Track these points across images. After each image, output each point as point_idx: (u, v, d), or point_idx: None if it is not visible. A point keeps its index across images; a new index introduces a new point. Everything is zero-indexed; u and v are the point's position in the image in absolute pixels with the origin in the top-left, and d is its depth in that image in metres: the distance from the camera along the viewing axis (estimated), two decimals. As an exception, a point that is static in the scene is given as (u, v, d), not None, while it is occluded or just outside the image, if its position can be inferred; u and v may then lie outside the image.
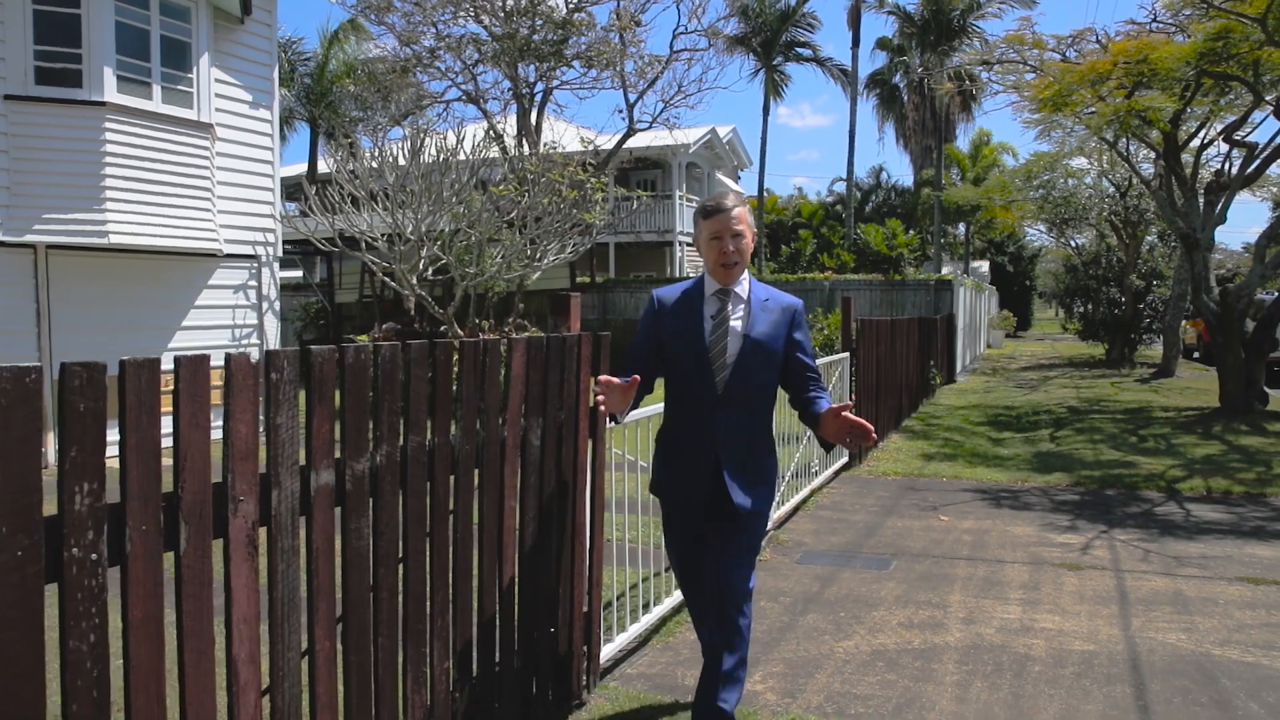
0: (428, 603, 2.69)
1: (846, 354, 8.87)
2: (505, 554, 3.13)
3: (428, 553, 2.70)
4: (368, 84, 23.11)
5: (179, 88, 10.50)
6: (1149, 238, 23.98)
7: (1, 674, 1.54)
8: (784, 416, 7.02)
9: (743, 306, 3.28)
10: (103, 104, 9.59)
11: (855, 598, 5.14)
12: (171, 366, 1.88)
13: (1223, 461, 9.20)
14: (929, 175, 37.53)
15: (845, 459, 8.79)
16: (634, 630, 4.33)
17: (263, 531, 2.12)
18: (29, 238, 9.31)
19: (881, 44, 38.23)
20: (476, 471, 2.96)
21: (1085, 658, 4.25)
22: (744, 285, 3.30)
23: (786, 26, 30.84)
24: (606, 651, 4.06)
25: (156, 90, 10.20)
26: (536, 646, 3.36)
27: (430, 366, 2.65)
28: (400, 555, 2.57)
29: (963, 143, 40.57)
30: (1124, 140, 15.72)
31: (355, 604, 2.37)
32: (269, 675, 2.13)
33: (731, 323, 3.25)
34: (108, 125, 9.63)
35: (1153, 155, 14.90)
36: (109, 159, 9.65)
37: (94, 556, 1.70)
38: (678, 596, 4.79)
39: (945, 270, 33.20)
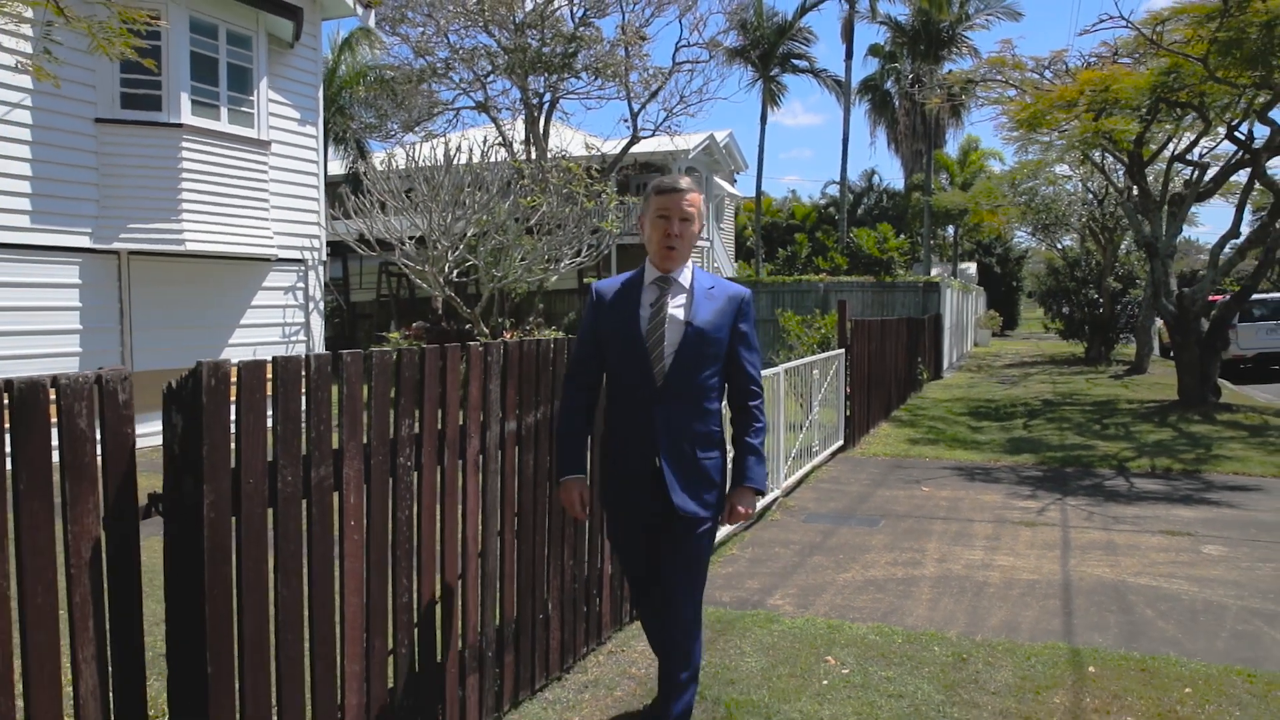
0: (558, 518, 3.90)
1: (842, 351, 10.08)
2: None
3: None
4: (379, 91, 24.13)
5: (242, 109, 11.67)
6: (1125, 243, 25.28)
7: (320, 545, 2.74)
8: (790, 406, 8.26)
9: (684, 295, 3.13)
10: (179, 125, 10.76)
11: (851, 545, 6.37)
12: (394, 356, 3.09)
13: (1170, 445, 10.46)
14: (920, 179, 38.82)
15: (841, 443, 10.01)
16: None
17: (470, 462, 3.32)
18: (115, 245, 10.47)
19: (874, 51, 39.48)
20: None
21: (1029, 584, 5.48)
22: (686, 274, 3.17)
23: (783, 40, 32.11)
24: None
25: (224, 111, 11.38)
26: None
27: (553, 362, 3.84)
28: (549, 481, 3.78)
29: (952, 148, 41.90)
30: (1099, 152, 17.00)
31: (524, 510, 3.59)
32: (482, 544, 3.34)
33: (671, 310, 3.10)
34: (184, 144, 10.80)
35: (1121, 168, 16.15)
36: (184, 174, 10.82)
37: (410, 466, 2.91)
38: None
39: (935, 272, 34.51)
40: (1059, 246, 28.85)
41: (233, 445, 2.29)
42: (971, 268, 40.65)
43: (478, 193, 13.78)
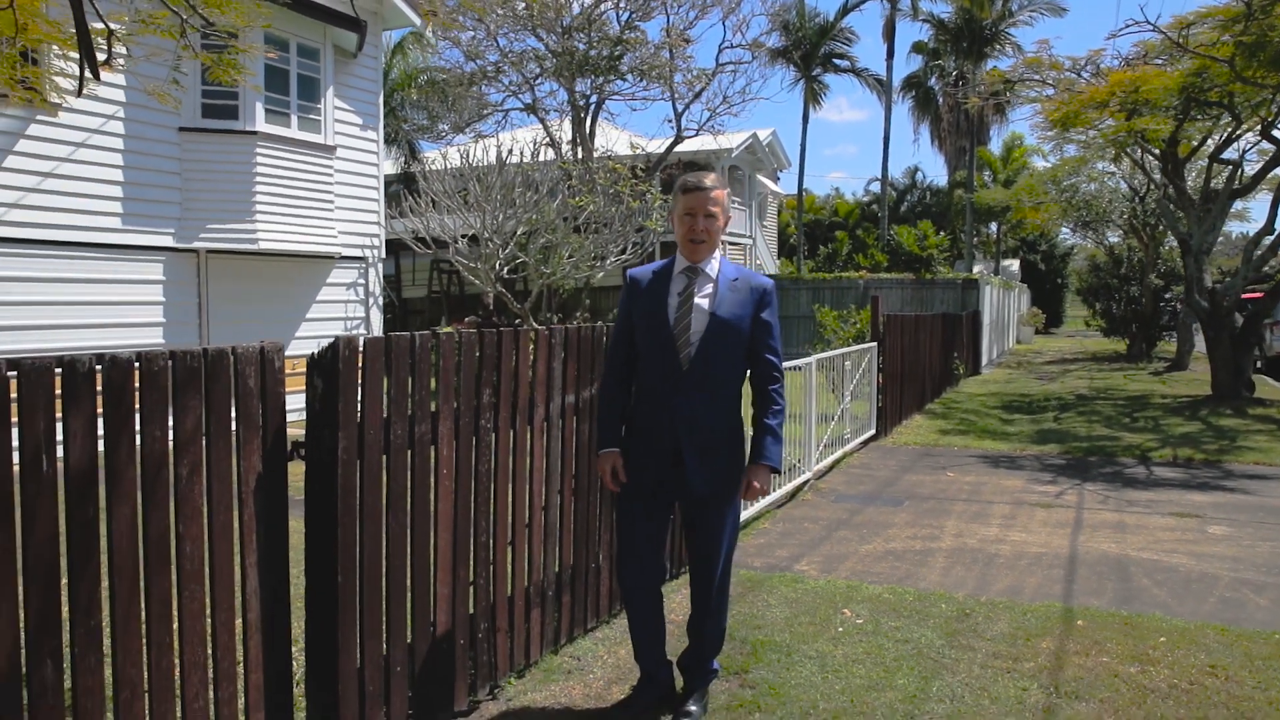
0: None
1: (874, 344, 10.58)
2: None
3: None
4: (431, 93, 24.89)
5: (310, 116, 12.44)
6: (1169, 239, 25.34)
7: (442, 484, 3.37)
8: (822, 396, 8.80)
9: (710, 285, 3.36)
10: (254, 133, 11.54)
11: (875, 522, 6.90)
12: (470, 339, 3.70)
13: (1197, 437, 10.82)
14: (963, 176, 38.93)
15: (872, 432, 10.52)
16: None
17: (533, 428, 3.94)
18: (196, 244, 11.27)
19: (917, 48, 39.63)
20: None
21: (1037, 556, 5.98)
22: (713, 265, 3.41)
23: (825, 40, 32.50)
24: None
25: (294, 119, 12.15)
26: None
27: (604, 345, 4.42)
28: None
29: (996, 144, 41.94)
30: (1138, 150, 17.25)
31: (580, 472, 4.19)
32: (545, 499, 3.95)
33: (697, 300, 3.34)
34: (258, 150, 11.58)
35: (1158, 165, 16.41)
36: (259, 178, 11.60)
37: (489, 428, 3.52)
38: (744, 513, 6.59)
39: (977, 269, 34.64)
40: (1105, 243, 28.90)
41: (358, 404, 2.92)
42: (1015, 265, 40.64)
43: (527, 192, 14.45)
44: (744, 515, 6.59)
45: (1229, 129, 14.04)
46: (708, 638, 3.61)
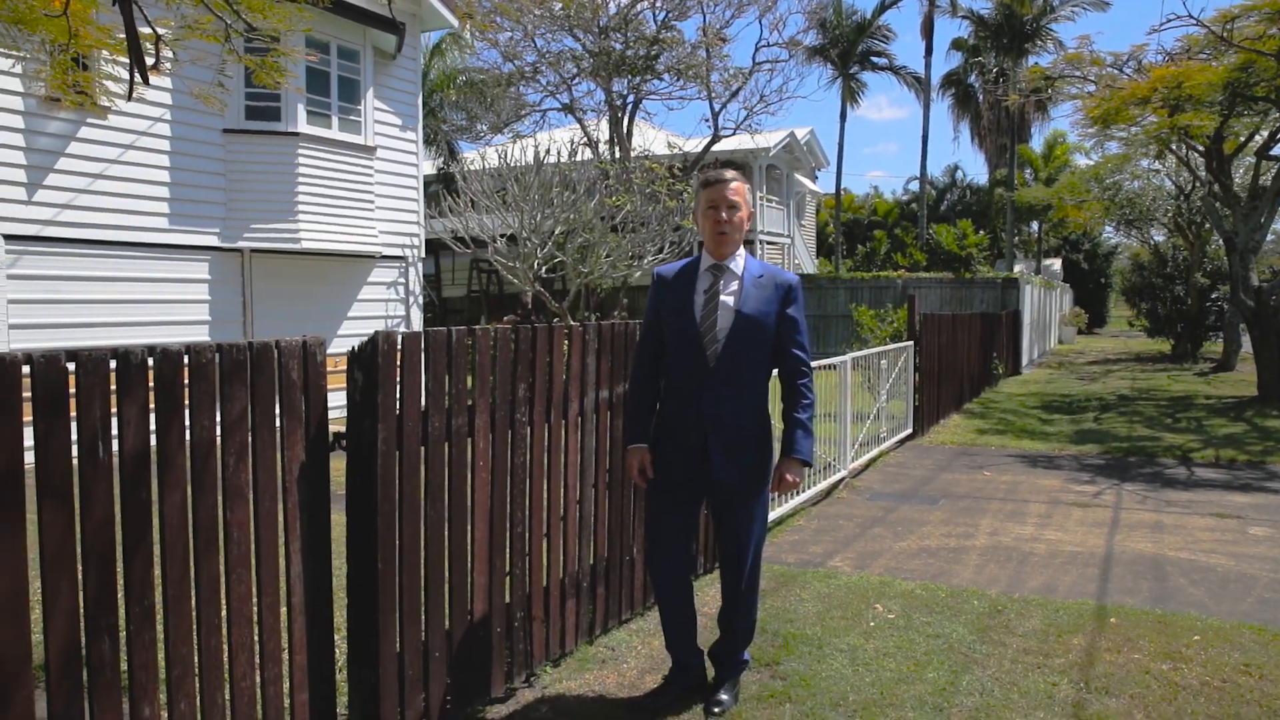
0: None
1: (910, 343, 10.55)
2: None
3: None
4: (469, 94, 25.11)
5: (350, 117, 12.64)
6: (1215, 238, 24.91)
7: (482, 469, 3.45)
8: (858, 394, 8.80)
9: (736, 282, 3.40)
10: (297, 134, 11.75)
11: (909, 520, 6.91)
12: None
13: (1240, 438, 10.66)
14: (1003, 174, 38.53)
15: (909, 431, 10.49)
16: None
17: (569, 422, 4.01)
18: (240, 244, 11.51)
19: (956, 44, 39.29)
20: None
21: (1072, 554, 5.96)
22: (739, 261, 3.45)
23: (862, 38, 32.34)
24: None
25: (335, 120, 12.35)
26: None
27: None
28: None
29: (1037, 142, 41.43)
30: (1182, 147, 16.99)
31: (614, 466, 4.26)
32: (579, 492, 4.03)
33: (723, 298, 3.37)
34: (300, 151, 11.79)
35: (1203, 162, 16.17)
36: (301, 178, 11.81)
37: (525, 421, 3.60)
38: (779, 509, 6.63)
39: (1017, 268, 34.26)
40: (1149, 242, 28.46)
41: (397, 397, 3.02)
42: (1057, 264, 40.14)
43: (565, 192, 14.57)
44: (778, 512, 6.63)
45: (1277, 124, 13.80)
46: (738, 630, 3.67)
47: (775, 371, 3.63)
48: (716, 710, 3.53)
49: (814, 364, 7.80)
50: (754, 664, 3.98)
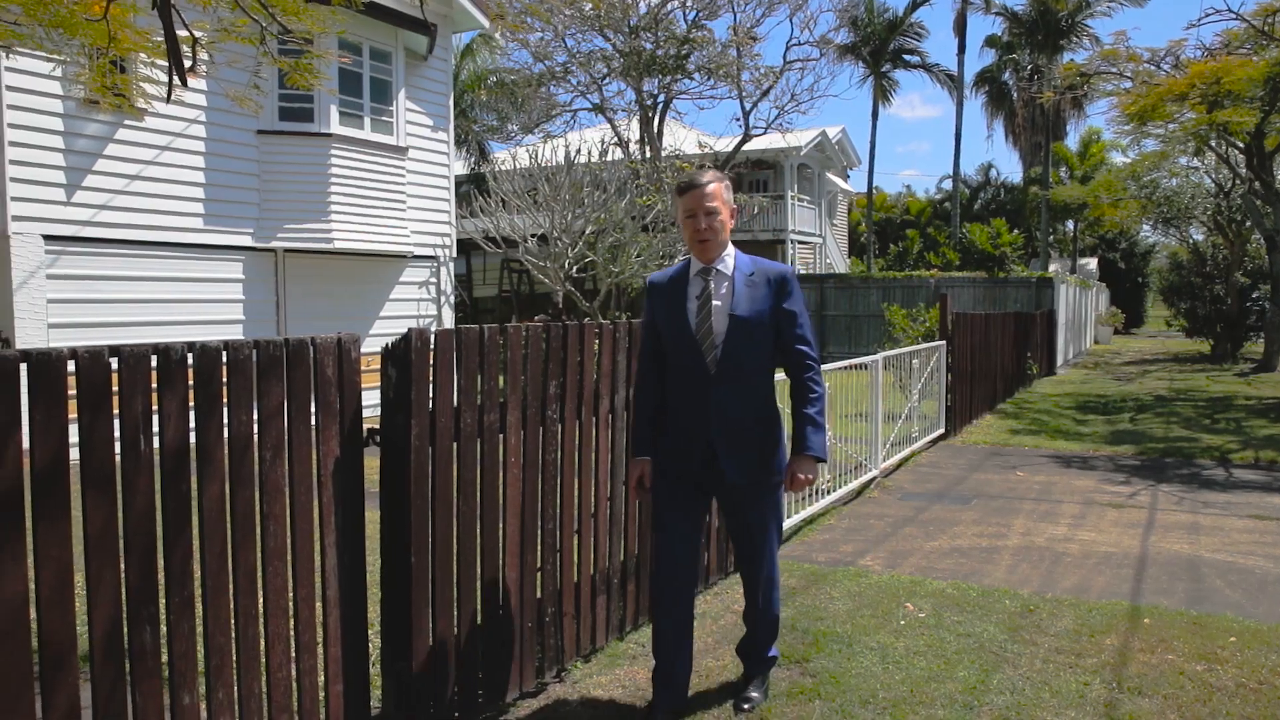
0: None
1: (943, 343, 10.48)
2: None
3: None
4: (500, 94, 25.21)
5: (382, 118, 12.75)
6: (1256, 236, 24.52)
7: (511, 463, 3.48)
8: (890, 394, 8.76)
9: (726, 283, 3.31)
10: (329, 135, 11.88)
11: (941, 520, 6.87)
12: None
13: (1280, 439, 10.50)
14: (1038, 173, 38.13)
15: (941, 431, 10.42)
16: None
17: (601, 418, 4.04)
18: (273, 244, 11.65)
19: (990, 41, 38.97)
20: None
21: (1106, 555, 5.90)
22: (727, 261, 3.35)
23: (894, 35, 32.14)
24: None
25: (367, 121, 12.47)
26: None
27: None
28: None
29: (1073, 140, 40.97)
30: (1221, 143, 16.75)
31: (643, 464, 4.28)
32: (610, 489, 4.05)
33: (715, 301, 3.29)
34: (333, 152, 11.91)
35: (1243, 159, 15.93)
36: (333, 179, 11.94)
37: (555, 418, 3.63)
38: (810, 508, 6.62)
39: (1053, 268, 33.91)
40: (1188, 241, 28.06)
41: (429, 393, 3.05)
42: (1092, 263, 39.66)
43: (596, 192, 14.61)
44: (809, 510, 6.62)
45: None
46: (760, 627, 3.65)
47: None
48: (746, 707, 3.54)
49: (845, 363, 7.84)
50: (784, 661, 3.98)
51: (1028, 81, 33.53)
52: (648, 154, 21.96)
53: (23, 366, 2.14)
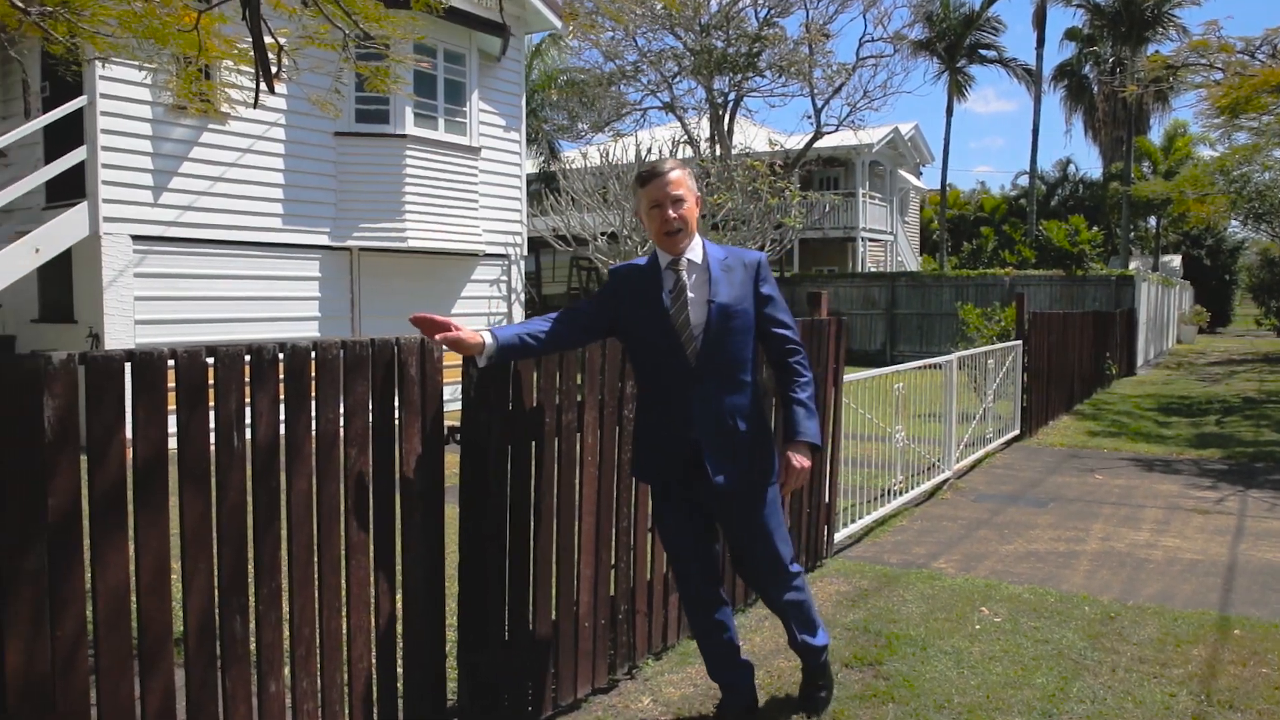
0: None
1: (1019, 342, 10.27)
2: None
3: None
4: (570, 93, 25.35)
5: (455, 119, 12.94)
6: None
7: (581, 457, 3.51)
8: (963, 394, 8.61)
9: (700, 273, 3.14)
10: (404, 136, 12.09)
11: (1016, 523, 6.74)
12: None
13: (1378, 444, 10.06)
14: (1119, 168, 37.05)
15: (1016, 432, 10.21)
16: (853, 527, 6.13)
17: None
18: (349, 243, 11.91)
19: (1070, 34, 37.98)
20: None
21: (1191, 563, 5.73)
22: (697, 251, 3.16)
23: (970, 30, 31.53)
24: (838, 537, 5.87)
25: (441, 122, 12.67)
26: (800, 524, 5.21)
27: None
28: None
29: (1156, 134, 39.74)
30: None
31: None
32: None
33: (690, 293, 3.10)
34: (408, 152, 12.13)
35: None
36: (408, 179, 12.15)
37: (631, 417, 3.66)
38: (881, 509, 6.56)
39: (1133, 265, 32.95)
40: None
41: (509, 392, 3.10)
42: (1176, 261, 38.42)
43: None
44: (881, 512, 6.56)
45: None
46: (796, 634, 3.44)
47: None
48: (810, 706, 3.52)
49: (920, 363, 7.74)
50: (856, 663, 3.95)
51: (1109, 75, 32.62)
52: (718, 152, 21.91)
53: (127, 366, 2.23)
